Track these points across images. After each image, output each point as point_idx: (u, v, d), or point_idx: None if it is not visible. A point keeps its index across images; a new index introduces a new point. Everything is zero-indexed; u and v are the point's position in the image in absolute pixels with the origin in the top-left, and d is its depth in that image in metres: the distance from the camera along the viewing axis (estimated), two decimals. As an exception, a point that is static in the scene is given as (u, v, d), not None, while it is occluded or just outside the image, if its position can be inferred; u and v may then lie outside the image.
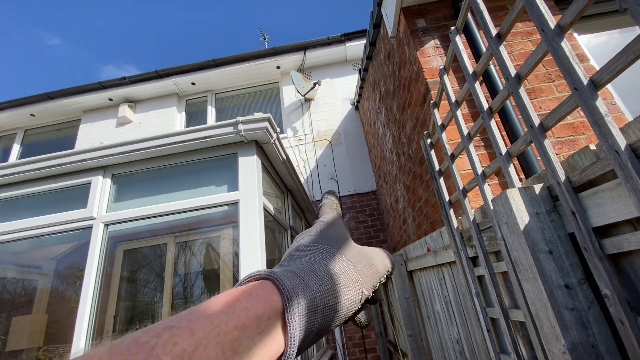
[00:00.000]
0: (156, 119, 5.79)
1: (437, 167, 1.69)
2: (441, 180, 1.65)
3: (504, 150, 1.06)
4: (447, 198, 1.58)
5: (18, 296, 3.08)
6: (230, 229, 2.77)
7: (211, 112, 5.86)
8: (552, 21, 0.79)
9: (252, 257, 1.81)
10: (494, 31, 1.05)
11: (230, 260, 2.96)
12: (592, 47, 2.27)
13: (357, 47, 5.39)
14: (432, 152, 1.75)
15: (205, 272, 3.34)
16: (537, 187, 0.88)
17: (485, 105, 1.15)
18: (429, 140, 1.78)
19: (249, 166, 2.06)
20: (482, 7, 1.07)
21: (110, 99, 5.90)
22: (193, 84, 5.82)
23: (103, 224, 2.10)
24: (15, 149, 6.15)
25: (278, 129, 2.20)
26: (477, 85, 1.20)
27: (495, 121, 1.86)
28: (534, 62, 0.86)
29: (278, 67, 5.69)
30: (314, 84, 5.29)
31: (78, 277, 2.47)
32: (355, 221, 4.60)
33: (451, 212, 1.54)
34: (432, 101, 1.70)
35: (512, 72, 0.96)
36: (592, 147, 0.75)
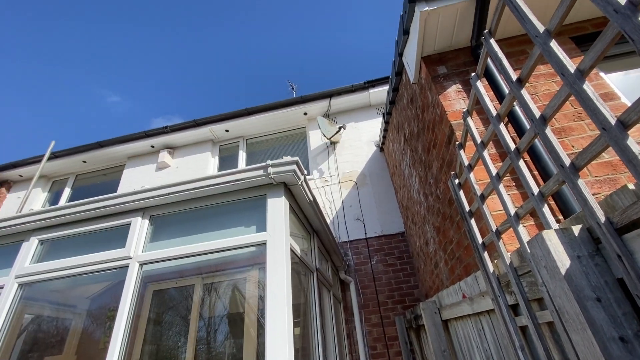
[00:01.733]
0: (192, 163, 6.19)
1: (467, 208, 1.65)
2: (472, 222, 1.60)
3: (535, 190, 1.03)
4: (480, 240, 1.51)
5: (51, 335, 3.16)
6: (255, 270, 2.77)
7: (242, 157, 6.20)
8: (571, 66, 0.81)
9: (279, 299, 1.79)
10: (514, 76, 1.08)
11: (255, 304, 2.92)
12: (633, 79, 2.17)
13: (380, 93, 5.63)
14: (461, 193, 1.72)
15: (230, 315, 3.29)
16: (576, 229, 0.84)
17: (512, 146, 1.15)
18: (457, 181, 1.76)
19: (277, 207, 2.12)
20: (501, 55, 1.13)
21: (152, 146, 6.44)
22: (227, 130, 6.26)
23: (138, 264, 2.19)
24: (66, 192, 6.74)
25: (305, 171, 2.28)
26: (501, 126, 1.21)
27: (525, 160, 1.82)
28: (557, 105, 0.87)
29: (305, 114, 6.03)
30: (339, 128, 5.50)
31: (109, 317, 2.53)
32: (383, 264, 4.43)
33: (485, 255, 1.47)
34: (457, 142, 1.71)
35: (537, 113, 0.98)
36: (631, 186, 0.73)
